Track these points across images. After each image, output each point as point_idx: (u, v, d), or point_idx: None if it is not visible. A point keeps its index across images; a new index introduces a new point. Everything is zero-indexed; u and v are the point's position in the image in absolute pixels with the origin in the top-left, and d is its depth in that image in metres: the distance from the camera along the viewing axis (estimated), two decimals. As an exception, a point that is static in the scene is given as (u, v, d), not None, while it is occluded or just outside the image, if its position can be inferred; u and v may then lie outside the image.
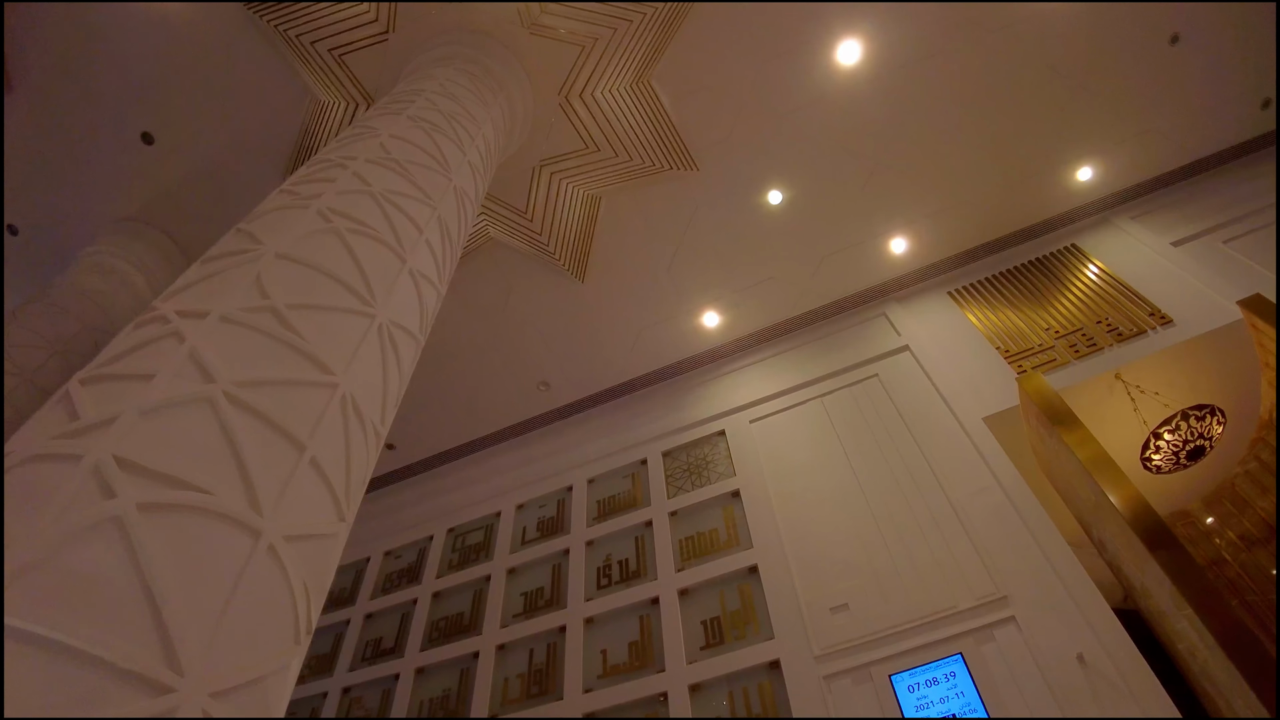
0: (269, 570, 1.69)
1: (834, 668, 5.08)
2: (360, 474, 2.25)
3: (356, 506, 2.27)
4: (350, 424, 2.19)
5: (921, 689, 4.81)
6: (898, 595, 5.26)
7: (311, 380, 2.11)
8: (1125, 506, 4.48)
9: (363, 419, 2.28)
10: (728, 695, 5.31)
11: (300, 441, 1.95)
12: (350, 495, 2.14)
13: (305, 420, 2.01)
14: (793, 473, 6.38)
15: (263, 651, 1.61)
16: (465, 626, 6.63)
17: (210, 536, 1.61)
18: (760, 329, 7.56)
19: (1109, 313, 6.35)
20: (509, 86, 5.39)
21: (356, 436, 2.22)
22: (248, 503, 1.72)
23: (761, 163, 6.59)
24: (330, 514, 2.00)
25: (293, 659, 1.72)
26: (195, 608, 1.48)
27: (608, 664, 5.82)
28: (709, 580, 5.95)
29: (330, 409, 2.11)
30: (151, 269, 6.77)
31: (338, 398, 2.16)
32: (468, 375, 7.75)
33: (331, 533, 1.99)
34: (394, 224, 2.96)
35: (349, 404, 2.20)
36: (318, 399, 2.09)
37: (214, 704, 1.43)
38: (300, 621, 1.76)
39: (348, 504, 2.11)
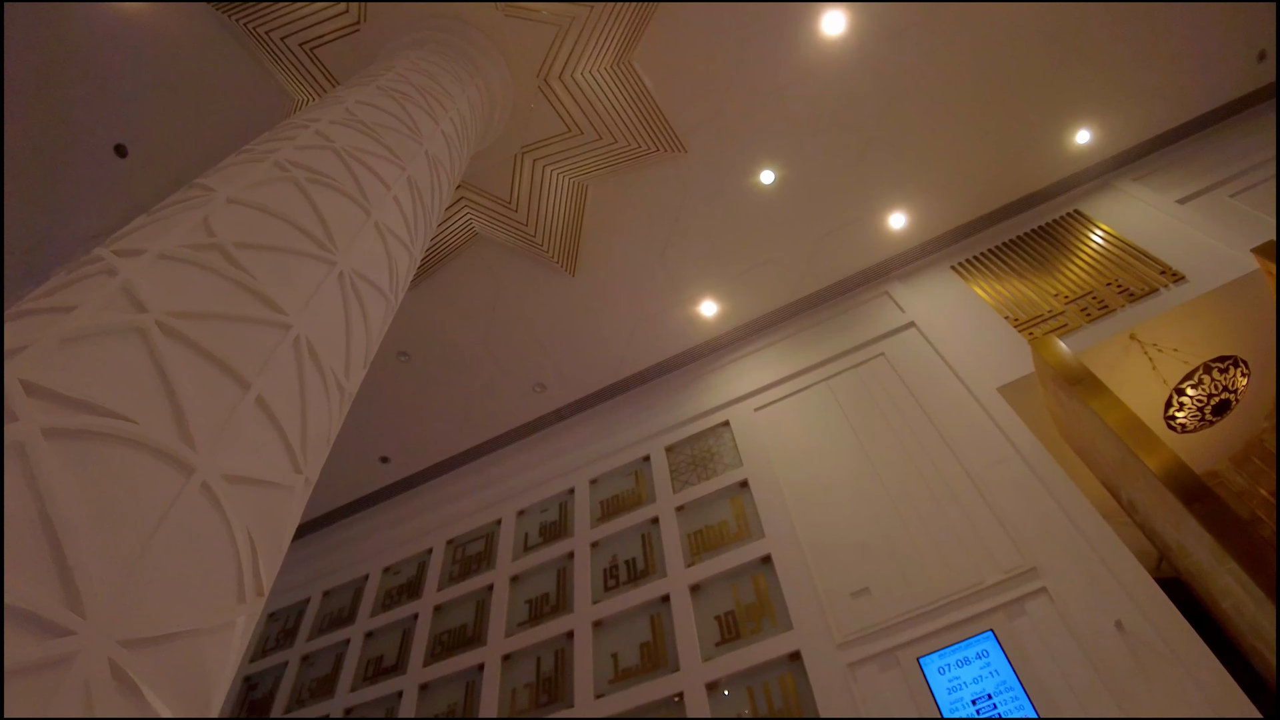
0: (203, 511, 1.46)
1: (858, 655, 4.80)
2: (321, 427, 2.02)
3: (318, 463, 2.04)
4: (306, 369, 1.96)
5: (952, 670, 4.53)
6: (920, 575, 5.00)
7: (259, 317, 1.89)
8: (1155, 462, 4.23)
9: (321, 367, 2.05)
10: (747, 691, 5.02)
11: (244, 378, 1.73)
12: (309, 449, 1.91)
13: (251, 357, 1.79)
14: (802, 458, 6.13)
15: (194, 603, 1.37)
16: (469, 638, 6.35)
17: (130, 468, 1.38)
18: (760, 315, 7.35)
19: (1118, 274, 6.14)
20: (486, 70, 5.22)
21: (314, 384, 1.99)
22: (178, 436, 1.49)
23: (751, 142, 6.41)
24: (283, 463, 1.77)
25: (237, 618, 1.48)
26: (106, 544, 1.25)
27: (619, 667, 5.53)
28: (721, 574, 5.68)
29: (281, 349, 1.89)
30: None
31: (290, 338, 1.94)
32: (460, 381, 7.52)
33: (285, 484, 1.76)
34: (358, 178, 2.76)
35: (304, 346, 1.97)
36: (266, 337, 1.87)
37: (126, 654, 1.19)
38: (246, 576, 1.53)
39: (305, 457, 1.88)
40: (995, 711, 4.28)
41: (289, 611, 7.76)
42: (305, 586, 7.89)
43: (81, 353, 1.51)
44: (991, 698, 4.33)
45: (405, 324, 7.11)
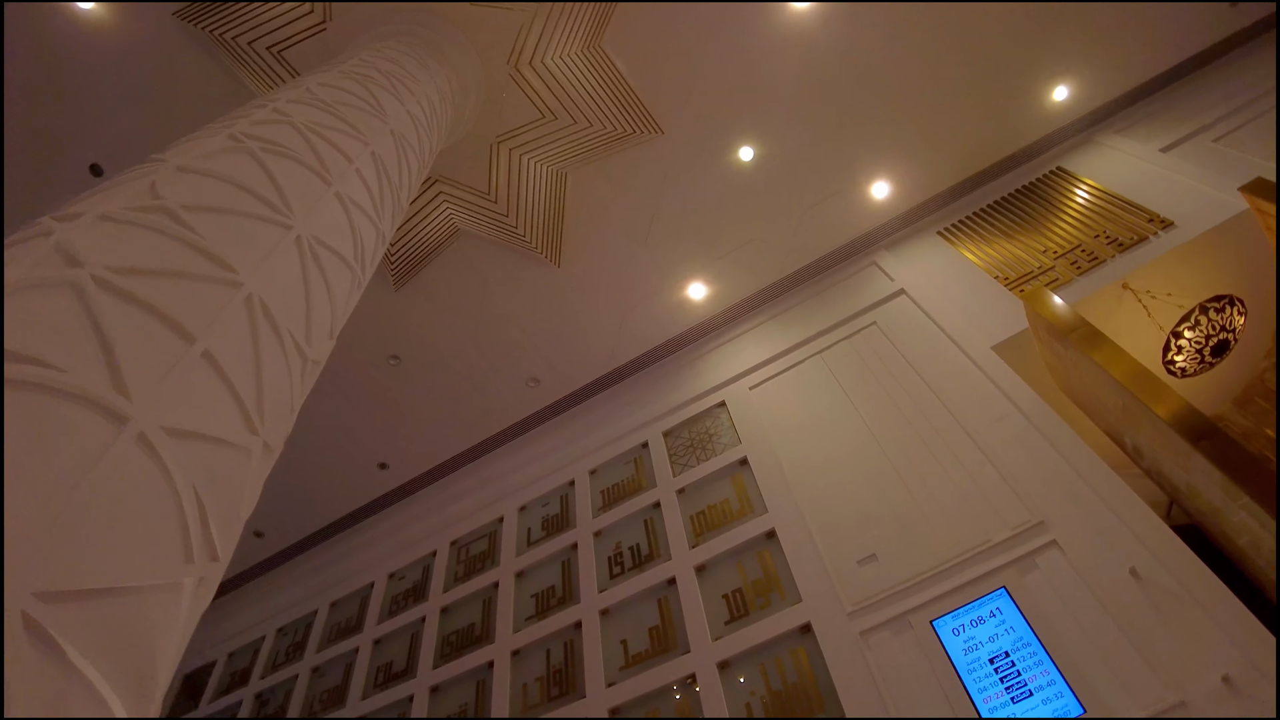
0: (139, 463, 1.38)
1: (869, 622, 4.72)
2: (281, 392, 1.95)
3: (280, 429, 1.96)
4: (261, 329, 1.89)
5: (967, 630, 4.44)
6: (927, 538, 4.91)
7: (206, 274, 1.82)
8: (1162, 407, 4.15)
9: (278, 329, 1.98)
10: (759, 668, 4.93)
11: (189, 332, 1.66)
12: (267, 411, 1.84)
13: (196, 312, 1.72)
14: (800, 431, 6.05)
15: (128, 558, 1.29)
16: (477, 637, 6.26)
17: (56, 416, 1.30)
18: (749, 295, 7.27)
19: (1106, 226, 6.07)
20: (454, 58, 5.16)
21: (270, 345, 1.92)
22: (111, 385, 1.41)
23: (728, 120, 6.35)
24: (235, 421, 1.70)
25: (184, 578, 1.40)
26: (22, 490, 1.17)
27: (629, 653, 5.44)
28: (726, 552, 5.60)
29: (232, 307, 1.82)
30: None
31: (241, 296, 1.87)
32: (453, 382, 7.45)
33: (239, 444, 1.69)
34: (317, 150, 2.69)
35: (257, 305, 1.90)
36: (214, 293, 1.81)
37: (43, 607, 1.11)
38: (195, 536, 1.45)
39: (262, 419, 1.81)
40: (1013, 669, 4.19)
41: (297, 625, 7.68)
42: (312, 599, 7.81)
43: (10, 307, 1.44)
44: (1009, 655, 4.25)
45: (394, 326, 7.04)
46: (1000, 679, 4.18)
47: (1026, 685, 4.11)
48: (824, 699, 4.58)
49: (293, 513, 8.24)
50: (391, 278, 6.66)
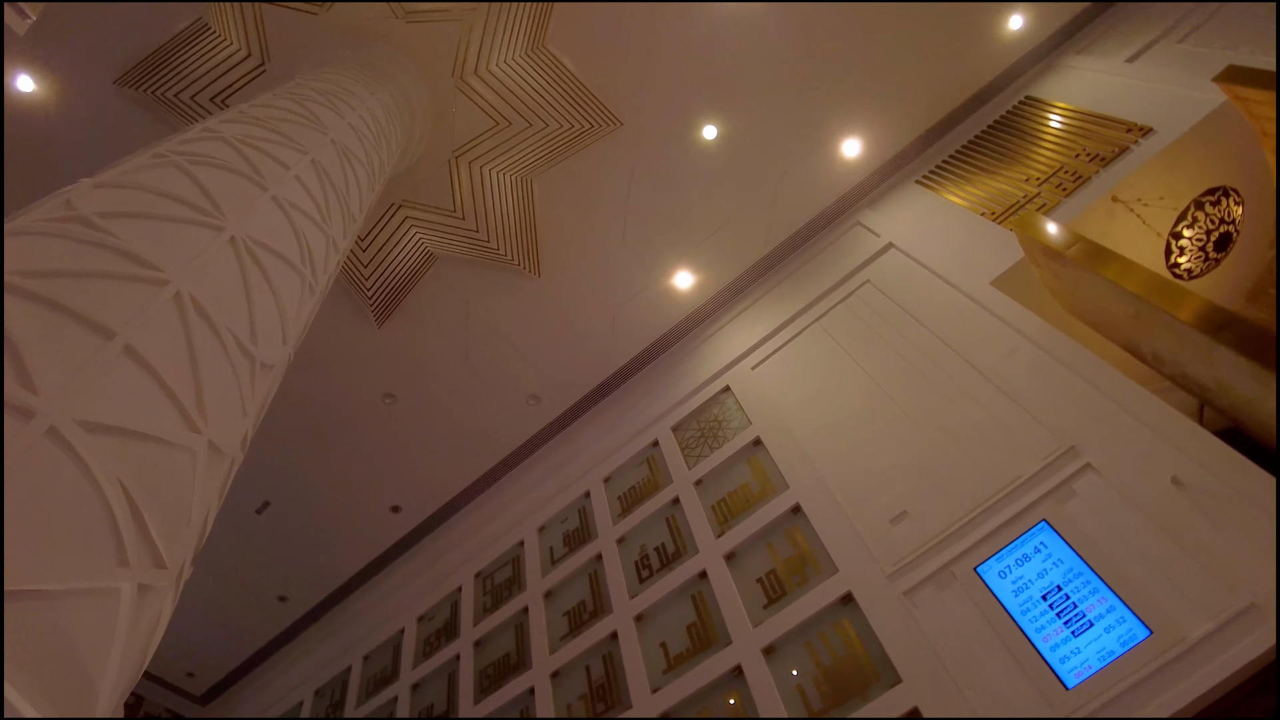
0: (52, 458, 1.23)
1: (911, 580, 4.52)
2: (225, 390, 1.82)
3: (229, 430, 1.82)
4: (195, 326, 1.76)
5: (1013, 571, 4.24)
6: (957, 485, 4.72)
7: (127, 274, 1.69)
8: (1172, 305, 3.99)
9: (216, 326, 1.85)
10: (805, 647, 4.73)
11: (106, 328, 1.51)
12: (209, 409, 1.70)
13: (115, 309, 1.57)
14: (810, 401, 5.88)
15: (44, 558, 1.13)
16: (514, 665, 6.06)
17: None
18: (737, 275, 7.13)
19: (1085, 144, 5.93)
20: (396, 76, 5.07)
21: (208, 342, 1.79)
22: (16, 381, 1.26)
23: (685, 100, 6.24)
24: (170, 418, 1.56)
25: (118, 583, 1.25)
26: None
27: (670, 655, 5.24)
28: (753, 536, 5.41)
29: (157, 303, 1.69)
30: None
31: (168, 294, 1.73)
32: (451, 413, 7.29)
33: (177, 442, 1.54)
34: (250, 159, 2.57)
35: (187, 302, 1.76)
36: (136, 291, 1.68)
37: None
38: (128, 537, 1.29)
39: (204, 417, 1.66)
40: (1069, 603, 3.98)
41: (332, 685, 7.48)
42: (345, 655, 7.61)
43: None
44: (1061, 589, 4.04)
45: (383, 365, 6.91)
46: (1056, 614, 3.98)
47: (1085, 616, 3.90)
48: (877, 668, 4.38)
49: (313, 572, 8.06)
50: (373, 315, 6.53)
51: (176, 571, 1.47)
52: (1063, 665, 3.82)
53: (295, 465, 7.37)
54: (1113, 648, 3.74)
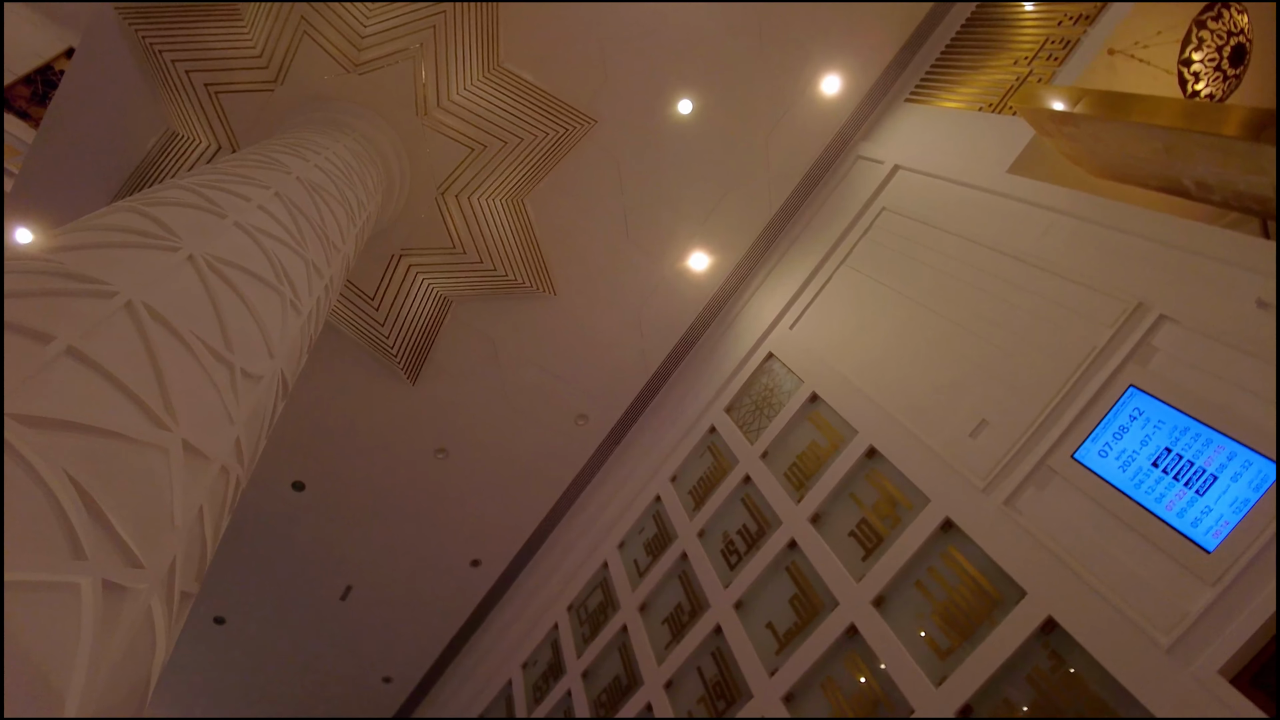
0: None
1: (1008, 488, 4.20)
2: (198, 392, 1.73)
3: (209, 430, 1.71)
4: (149, 329, 1.68)
5: (1114, 447, 3.91)
6: (1028, 378, 4.41)
7: (71, 290, 1.62)
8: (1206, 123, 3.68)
9: (178, 332, 1.75)
10: (917, 587, 4.42)
11: (45, 334, 1.42)
12: (179, 408, 1.59)
13: (58, 318, 1.48)
14: (856, 342, 5.63)
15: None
16: (626, 686, 5.83)
17: None
18: (751, 243, 6.94)
19: (1065, 9, 5.64)
20: (359, 127, 5.11)
21: (167, 345, 1.71)
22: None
23: (652, 81, 6.16)
24: (128, 414, 1.45)
25: (74, 577, 1.13)
26: None
27: (779, 634, 4.97)
28: (833, 492, 5.15)
29: (104, 310, 1.60)
30: None
31: (117, 303, 1.64)
32: (505, 454, 7.20)
33: (140, 438, 1.43)
34: (208, 196, 2.51)
35: (140, 310, 1.67)
36: (81, 304, 1.61)
37: None
38: (82, 531, 1.18)
39: (173, 415, 1.56)
40: (1183, 462, 3.64)
41: (455, 755, 7.34)
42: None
43: None
44: (1171, 450, 3.70)
45: (427, 421, 6.87)
46: (1174, 478, 3.64)
47: (1205, 471, 3.56)
48: (997, 587, 4.06)
49: (411, 646, 7.97)
50: (405, 375, 6.51)
51: (163, 575, 1.35)
52: (1196, 529, 3.47)
53: (367, 545, 7.33)
54: (1246, 495, 3.39)
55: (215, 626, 7.56)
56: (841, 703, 4.47)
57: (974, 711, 3.89)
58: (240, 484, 1.95)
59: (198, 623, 7.52)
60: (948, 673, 4.02)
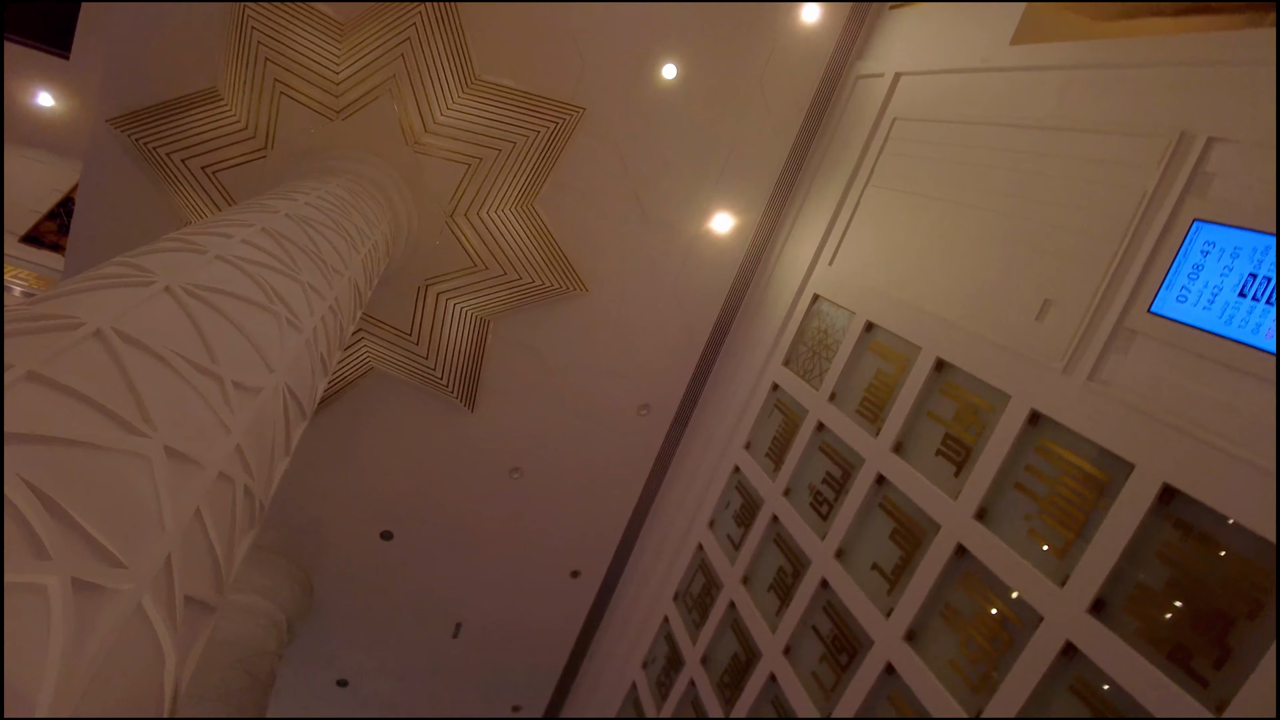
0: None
1: (1089, 363, 3.91)
2: (183, 404, 1.72)
3: (210, 443, 1.70)
4: (120, 350, 1.67)
5: (1192, 289, 3.59)
6: (1082, 243, 4.11)
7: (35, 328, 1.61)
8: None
9: (152, 349, 1.75)
10: (1016, 489, 4.15)
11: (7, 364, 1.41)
12: (156, 417, 1.58)
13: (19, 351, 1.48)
14: (898, 260, 5.39)
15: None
16: (746, 662, 5.67)
17: None
18: (770, 192, 6.74)
19: None
20: (350, 168, 5.17)
21: (140, 362, 1.69)
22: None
23: (632, 57, 6.06)
24: (100, 426, 1.45)
25: (38, 577, 1.10)
26: None
27: (887, 573, 4.75)
28: (910, 415, 4.91)
29: (69, 340, 1.62)
30: None
31: (85, 331, 1.65)
32: (577, 460, 7.16)
33: (110, 446, 1.40)
34: (189, 241, 2.54)
35: (110, 335, 1.68)
36: (45, 337, 1.61)
37: None
38: (42, 531, 1.15)
39: (150, 423, 1.55)
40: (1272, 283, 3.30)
41: (598, 769, 7.28)
42: (597, 737, 7.43)
43: None
44: (1256, 275, 3.36)
45: (494, 444, 6.91)
46: (1266, 301, 3.30)
47: (1298, 286, 3.21)
48: (1103, 468, 3.77)
49: (529, 670, 8.00)
50: (462, 404, 6.55)
51: (153, 574, 1.31)
52: (1302, 350, 3.13)
53: (465, 579, 7.40)
54: (1350, 300, 3.04)
55: (340, 690, 7.74)
56: (966, 628, 4.21)
57: (1108, 604, 3.60)
58: (255, 496, 1.92)
59: (323, 690, 7.72)
60: (1069, 570, 3.74)
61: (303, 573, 7.11)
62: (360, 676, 7.72)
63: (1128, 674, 3.37)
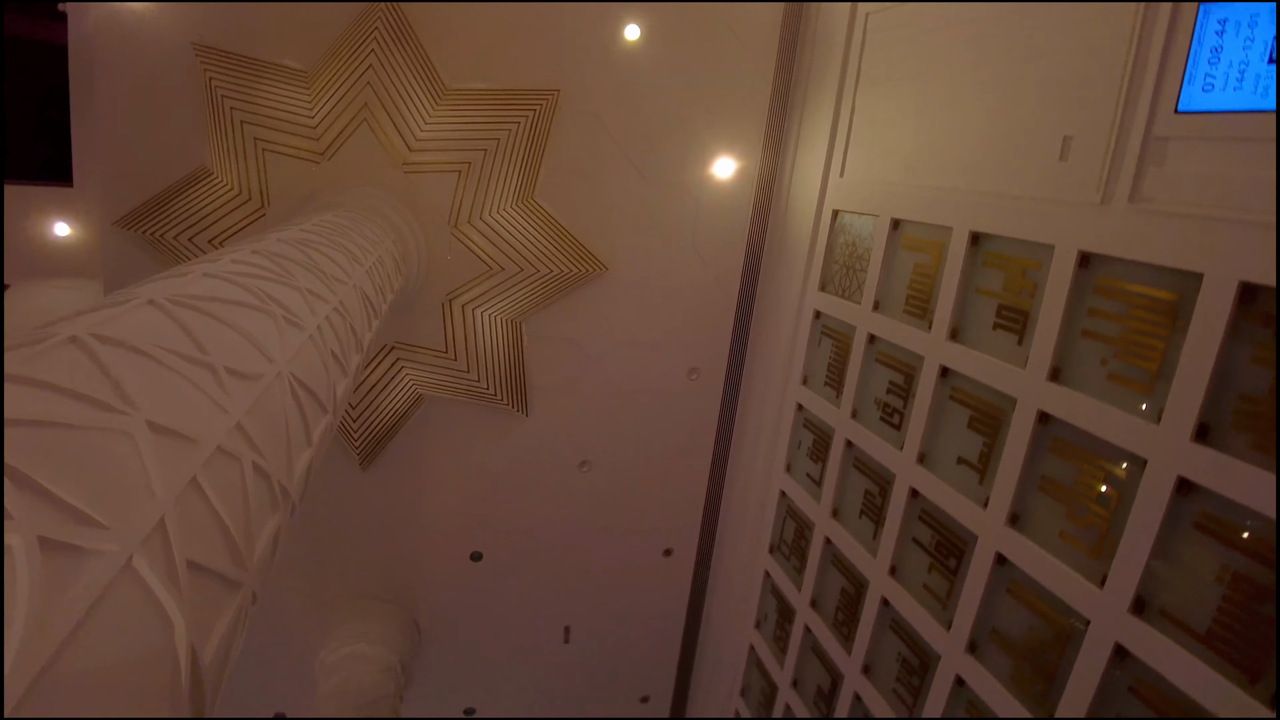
0: None
1: (1126, 185, 3.69)
2: (164, 386, 1.71)
3: (204, 422, 1.69)
4: (97, 351, 1.68)
5: (1217, 72, 3.33)
6: (1085, 68, 3.87)
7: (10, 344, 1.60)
8: None
9: (135, 346, 1.75)
10: (1081, 335, 3.91)
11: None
12: (132, 395, 1.58)
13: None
14: (906, 148, 5.19)
15: None
16: (855, 595, 5.52)
17: None
18: (764, 123, 6.55)
19: None
20: (346, 201, 5.22)
21: (121, 357, 1.70)
22: None
23: (592, 28, 5.97)
24: (73, 408, 1.45)
25: (7, 537, 1.07)
26: None
27: (974, 463, 4.54)
28: (959, 297, 4.70)
29: (45, 347, 1.61)
30: None
31: (60, 338, 1.66)
32: (641, 439, 7.08)
33: (85, 425, 1.41)
34: (175, 269, 2.55)
35: (86, 340, 1.69)
36: (20, 351, 1.59)
37: None
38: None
39: (128, 402, 1.56)
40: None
41: None
42: (727, 707, 7.30)
43: None
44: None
45: (554, 443, 6.90)
46: (1302, 54, 3.02)
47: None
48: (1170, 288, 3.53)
49: (648, 656, 7.94)
50: (516, 409, 6.55)
51: (141, 536, 1.29)
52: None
53: (561, 580, 7.40)
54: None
55: (469, 717, 7.82)
56: (1069, 495, 3.98)
57: (1213, 430, 3.34)
58: (271, 477, 1.90)
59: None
60: (1161, 404, 3.49)
61: (405, 612, 7.20)
62: (485, 699, 7.78)
63: (1250, 491, 3.12)
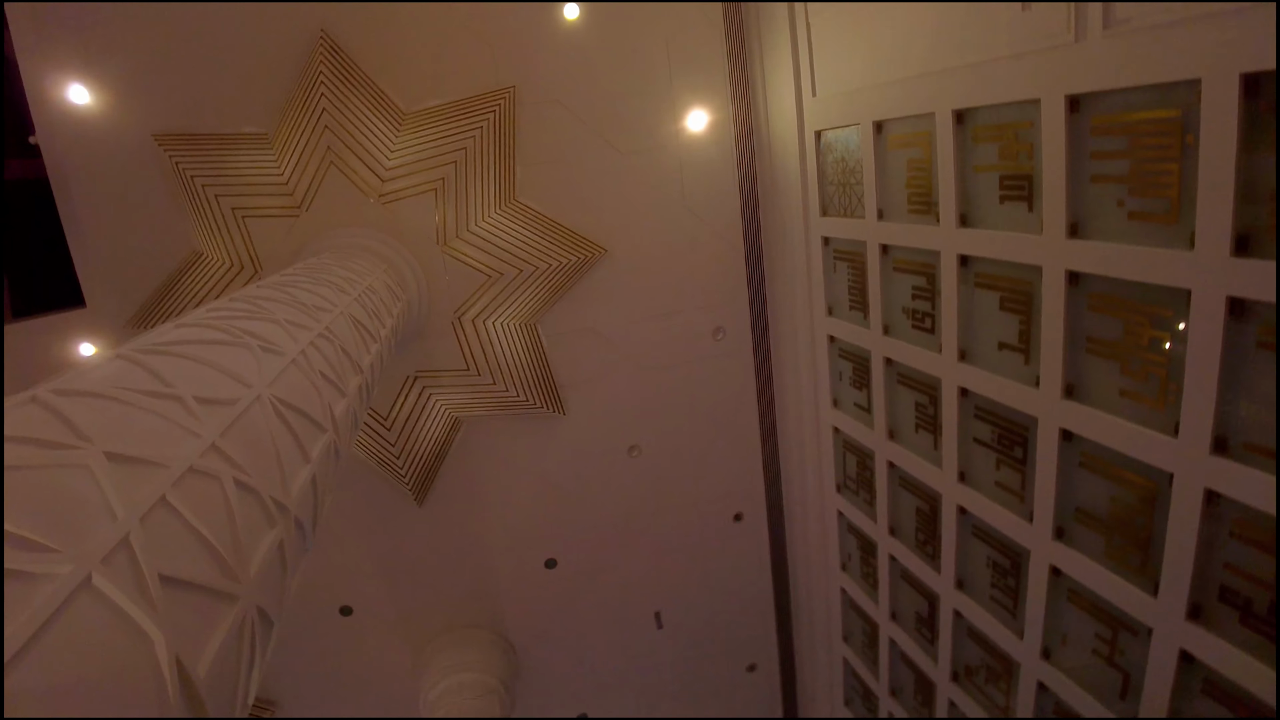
0: None
1: (1096, 16, 3.47)
2: (119, 421, 1.68)
3: (174, 448, 1.64)
4: (57, 403, 1.63)
5: None
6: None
7: None
8: None
9: (96, 393, 1.74)
10: (1094, 181, 3.70)
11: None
12: (87, 433, 1.52)
13: None
14: (872, 50, 5.01)
15: None
16: (930, 511, 5.34)
17: None
18: (728, 69, 6.35)
19: None
20: (341, 237, 5.24)
21: (80, 406, 1.66)
22: None
23: (529, 19, 5.90)
24: (22, 451, 1.38)
25: None
26: None
27: (1016, 344, 4.35)
28: (958, 182, 4.51)
29: (10, 405, 1.56)
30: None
31: (22, 400, 1.62)
32: (688, 413, 6.99)
33: (35, 464, 1.37)
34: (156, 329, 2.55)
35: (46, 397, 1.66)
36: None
37: None
38: None
39: (85, 440, 1.51)
40: None
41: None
42: (833, 654, 7.15)
43: None
44: None
45: (600, 435, 6.86)
46: None
47: None
48: (1172, 103, 3.31)
49: (744, 623, 7.83)
50: (551, 411, 6.52)
51: (99, 556, 1.25)
52: None
53: (641, 569, 7.36)
54: None
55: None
56: (1120, 350, 3.76)
57: (1251, 240, 3.10)
58: (260, 492, 1.86)
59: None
60: (1190, 227, 3.26)
61: (495, 634, 7.23)
62: (596, 701, 7.77)
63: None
